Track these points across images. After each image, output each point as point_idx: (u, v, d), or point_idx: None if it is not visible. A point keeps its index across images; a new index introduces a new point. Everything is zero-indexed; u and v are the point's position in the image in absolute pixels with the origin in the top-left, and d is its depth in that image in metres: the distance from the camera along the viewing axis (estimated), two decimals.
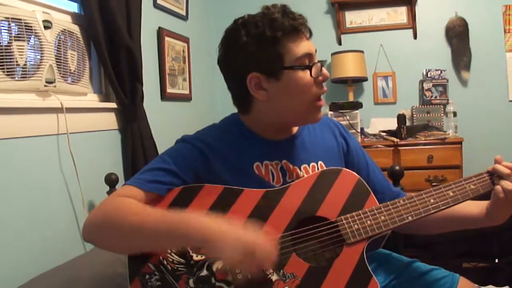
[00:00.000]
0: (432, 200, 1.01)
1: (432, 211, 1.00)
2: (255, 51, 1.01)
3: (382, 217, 1.00)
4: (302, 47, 1.01)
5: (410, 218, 1.00)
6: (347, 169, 1.09)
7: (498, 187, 0.98)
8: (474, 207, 1.06)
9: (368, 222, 0.99)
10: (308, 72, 1.02)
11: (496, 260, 1.88)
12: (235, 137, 1.10)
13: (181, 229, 0.87)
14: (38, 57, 1.59)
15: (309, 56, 1.03)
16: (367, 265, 0.95)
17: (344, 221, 0.99)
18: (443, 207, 1.01)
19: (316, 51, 1.06)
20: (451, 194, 1.01)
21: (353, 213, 1.00)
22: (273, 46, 1.00)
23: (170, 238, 0.89)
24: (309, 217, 1.00)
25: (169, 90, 2.67)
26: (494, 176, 1.01)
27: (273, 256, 0.86)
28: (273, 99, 1.03)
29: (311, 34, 1.06)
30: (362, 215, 1.00)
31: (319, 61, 1.03)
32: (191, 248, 0.96)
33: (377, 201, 1.04)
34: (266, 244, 0.85)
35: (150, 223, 0.90)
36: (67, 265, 1.40)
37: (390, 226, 0.99)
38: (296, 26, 1.00)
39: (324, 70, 1.04)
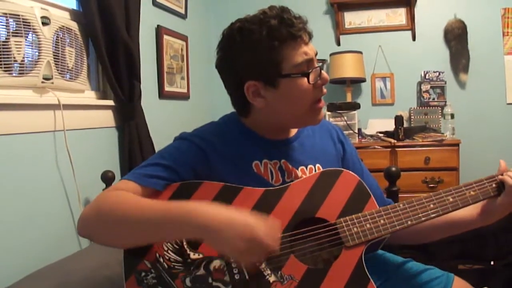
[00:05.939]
0: (431, 205, 1.01)
1: (432, 216, 1.00)
2: (252, 59, 0.99)
3: (382, 221, 1.00)
4: (300, 53, 0.99)
5: (409, 222, 1.00)
6: (348, 171, 1.08)
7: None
8: (462, 210, 1.05)
9: (368, 225, 0.99)
10: (306, 78, 1.00)
11: (492, 263, 1.88)
12: (234, 135, 1.09)
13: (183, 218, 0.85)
14: (36, 53, 1.58)
15: (308, 61, 1.00)
16: (365, 269, 0.95)
17: (344, 224, 0.99)
18: (442, 213, 1.01)
19: (316, 54, 1.04)
20: (451, 200, 1.01)
21: (353, 216, 1.00)
22: (270, 54, 0.97)
23: (172, 226, 0.86)
24: (308, 218, 1.00)
25: (167, 88, 2.66)
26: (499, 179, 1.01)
27: (275, 237, 0.84)
28: (272, 106, 1.02)
29: (311, 37, 1.03)
30: (361, 218, 1.00)
31: (319, 61, 1.01)
32: (190, 239, 0.94)
33: (377, 204, 1.03)
34: (267, 226, 0.83)
35: (150, 212, 0.88)
36: (62, 263, 1.39)
37: (389, 230, 0.99)
38: (293, 33, 0.97)
39: (324, 74, 1.03)
